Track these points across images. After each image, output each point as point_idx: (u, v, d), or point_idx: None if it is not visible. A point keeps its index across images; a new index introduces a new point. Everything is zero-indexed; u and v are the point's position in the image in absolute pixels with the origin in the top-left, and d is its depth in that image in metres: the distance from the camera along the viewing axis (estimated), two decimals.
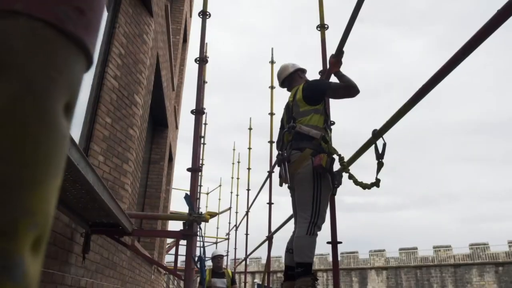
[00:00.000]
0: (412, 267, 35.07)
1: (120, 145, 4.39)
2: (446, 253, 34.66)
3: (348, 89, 3.10)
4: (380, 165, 2.48)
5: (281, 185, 3.23)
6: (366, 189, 2.65)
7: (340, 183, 3.02)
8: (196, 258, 3.54)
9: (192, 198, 3.62)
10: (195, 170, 3.88)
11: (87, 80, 3.94)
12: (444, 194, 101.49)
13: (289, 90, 3.69)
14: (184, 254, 3.77)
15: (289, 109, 3.38)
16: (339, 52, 3.34)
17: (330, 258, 35.87)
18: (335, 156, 3.00)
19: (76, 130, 3.75)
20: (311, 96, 3.20)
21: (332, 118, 3.53)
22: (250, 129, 12.21)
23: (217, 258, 7.28)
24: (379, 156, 2.44)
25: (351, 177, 2.85)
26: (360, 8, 2.99)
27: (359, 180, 2.77)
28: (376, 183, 2.62)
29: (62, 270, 2.84)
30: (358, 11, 3.02)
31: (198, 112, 4.17)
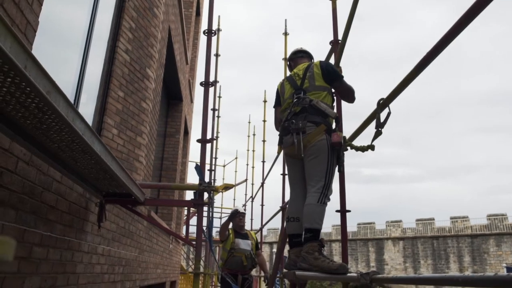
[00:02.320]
0: (428, 238, 35.14)
1: (134, 118, 4.47)
2: (463, 223, 34.56)
3: (351, 93, 3.38)
4: (377, 134, 2.51)
5: (279, 153, 3.31)
6: (365, 152, 2.81)
7: (343, 161, 3.20)
8: (204, 228, 3.65)
9: (202, 169, 3.70)
10: (205, 141, 3.96)
11: (99, 54, 3.99)
12: (462, 165, 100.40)
13: (292, 66, 3.81)
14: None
15: (295, 81, 3.41)
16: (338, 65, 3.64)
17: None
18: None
19: (89, 104, 3.83)
20: (327, 74, 3.33)
21: None
22: (264, 101, 12.16)
23: (238, 217, 6.38)
24: (380, 125, 2.46)
25: (352, 147, 3.01)
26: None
27: (359, 146, 2.95)
28: (371, 146, 2.74)
29: (78, 237, 2.98)
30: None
31: (207, 84, 4.22)
